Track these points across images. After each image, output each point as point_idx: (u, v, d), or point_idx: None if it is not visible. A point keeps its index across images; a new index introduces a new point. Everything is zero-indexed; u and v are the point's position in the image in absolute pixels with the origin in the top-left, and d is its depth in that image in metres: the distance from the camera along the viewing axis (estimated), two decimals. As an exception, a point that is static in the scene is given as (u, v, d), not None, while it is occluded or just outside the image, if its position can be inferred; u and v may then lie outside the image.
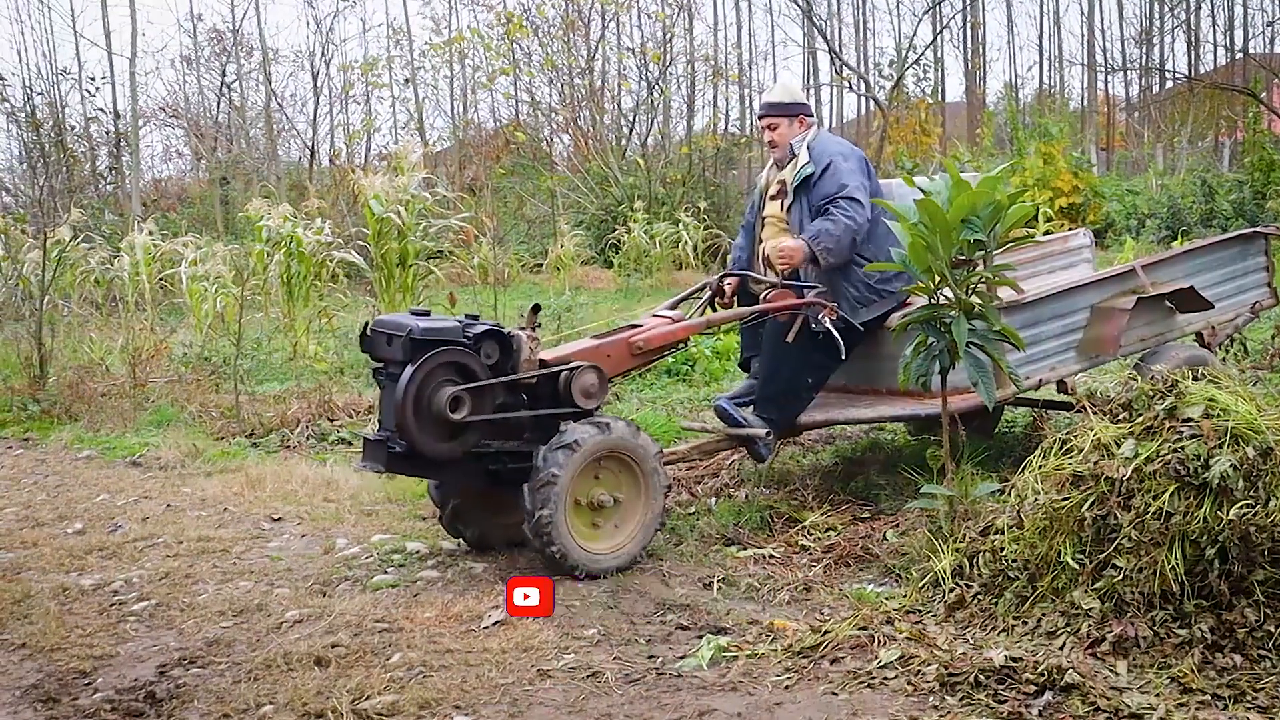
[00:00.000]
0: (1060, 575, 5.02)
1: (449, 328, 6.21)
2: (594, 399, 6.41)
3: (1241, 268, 8.31)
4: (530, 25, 27.74)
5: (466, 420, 6.11)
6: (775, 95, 7.79)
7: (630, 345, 6.75)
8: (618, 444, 6.28)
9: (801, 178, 7.36)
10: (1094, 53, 33.08)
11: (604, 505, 6.32)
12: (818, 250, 7.03)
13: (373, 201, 13.42)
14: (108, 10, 28.55)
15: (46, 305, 13.93)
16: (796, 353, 7.08)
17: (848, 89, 32.23)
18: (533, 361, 6.39)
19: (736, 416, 7.20)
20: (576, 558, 6.18)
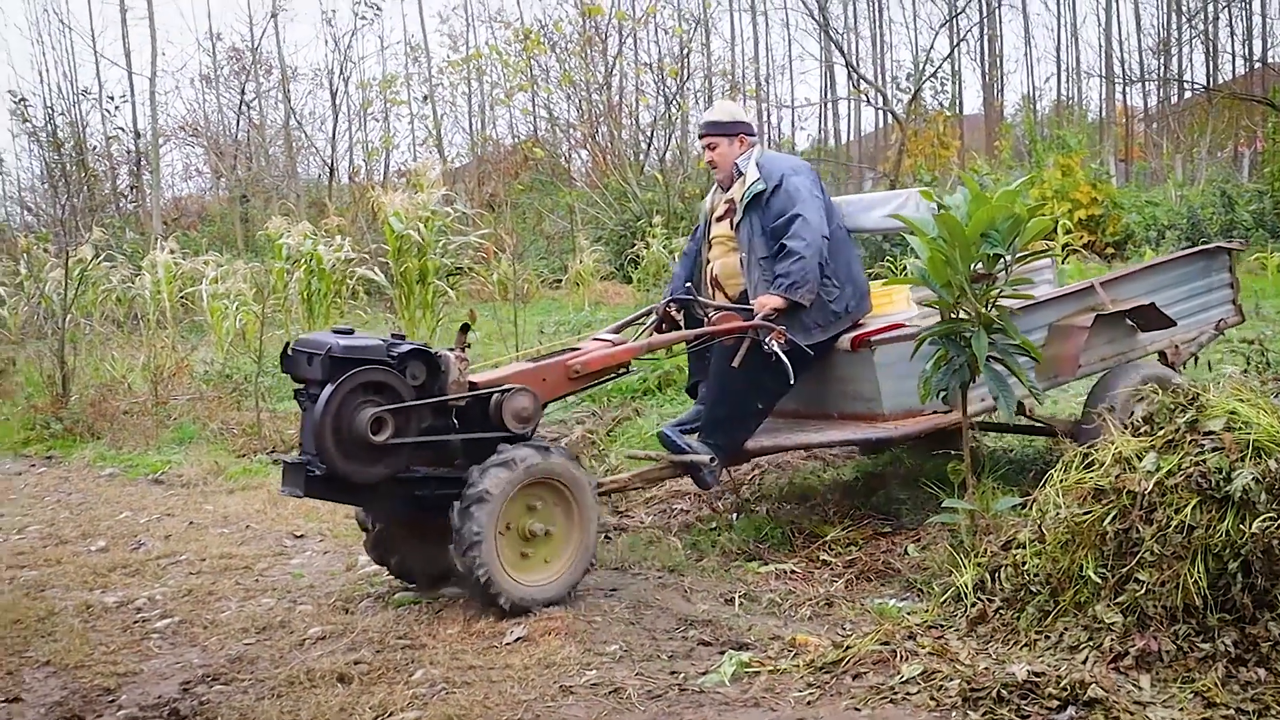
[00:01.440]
0: (1082, 589, 5.01)
1: (371, 346, 5.94)
2: (527, 423, 6.18)
3: (1205, 284, 8.08)
4: (548, 41, 27.77)
5: (389, 443, 5.82)
6: (714, 114, 7.65)
7: (568, 369, 6.52)
8: (555, 471, 6.05)
9: (752, 194, 7.18)
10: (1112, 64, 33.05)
11: (535, 535, 6.05)
12: (794, 297, 6.87)
13: (392, 219, 13.46)
14: (128, 30, 28.60)
15: (69, 324, 14.00)
16: (744, 377, 6.89)
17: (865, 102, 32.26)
18: (462, 383, 6.16)
19: (679, 443, 7.01)
20: (502, 585, 5.88)
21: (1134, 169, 28.34)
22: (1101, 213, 19.64)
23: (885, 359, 6.94)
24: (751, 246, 7.16)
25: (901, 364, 6.85)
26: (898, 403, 6.98)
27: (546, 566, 6.11)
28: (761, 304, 6.90)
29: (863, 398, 7.12)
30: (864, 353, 6.98)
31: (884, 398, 6.98)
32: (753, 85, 32.36)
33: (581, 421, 9.85)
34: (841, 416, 7.29)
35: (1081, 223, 19.09)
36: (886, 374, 6.95)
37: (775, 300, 6.87)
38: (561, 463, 6.07)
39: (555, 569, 6.11)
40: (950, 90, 31.47)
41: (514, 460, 5.90)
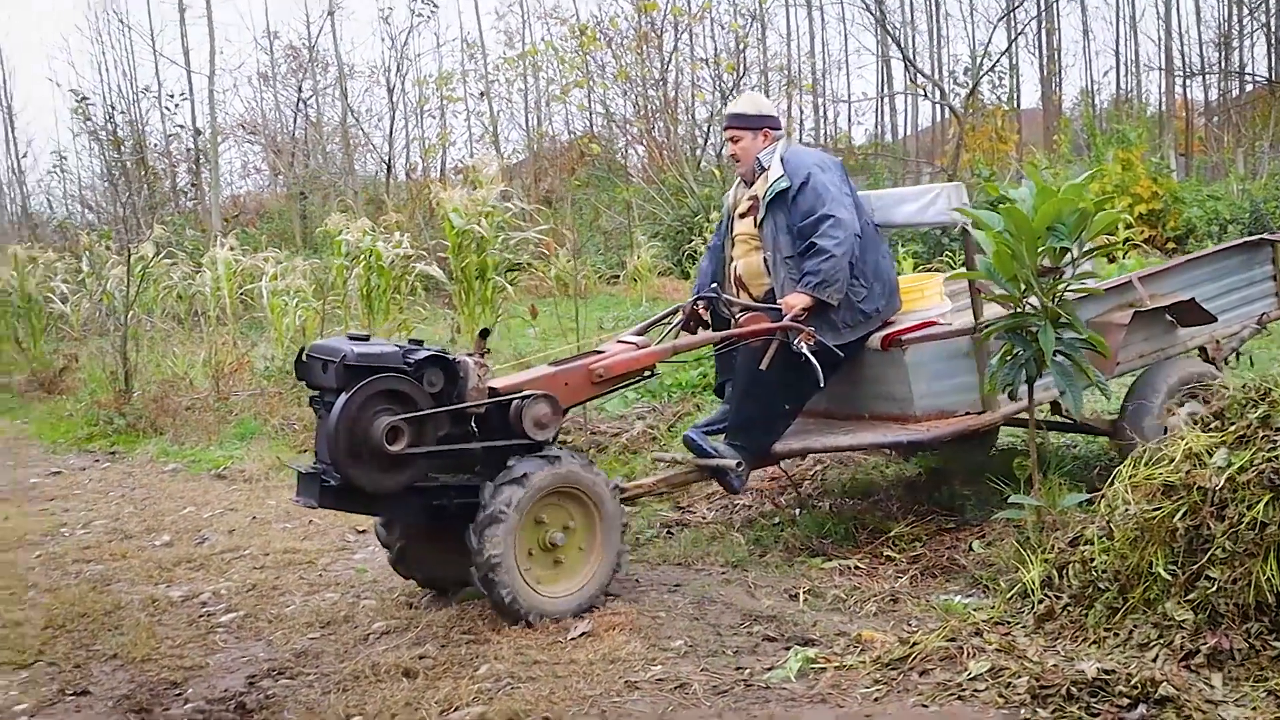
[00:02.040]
0: (1152, 586, 4.96)
1: (387, 353, 5.78)
2: (547, 429, 5.98)
3: (1246, 278, 7.84)
4: (603, 37, 27.80)
5: (405, 453, 5.67)
6: (739, 106, 7.45)
7: (590, 373, 6.35)
8: (570, 479, 5.92)
9: (775, 191, 6.98)
10: (1171, 57, 32.75)
11: (557, 544, 5.95)
12: (822, 296, 6.70)
13: (453, 215, 13.48)
14: (186, 29, 28.79)
15: (131, 320, 14.11)
16: (772, 378, 6.76)
17: (922, 97, 32.06)
18: (482, 389, 5.96)
19: (705, 447, 6.86)
20: (528, 601, 5.80)
21: (1194, 163, 28.09)
22: (1162, 207, 19.47)
23: (917, 358, 6.80)
24: (776, 245, 6.98)
25: (934, 363, 6.79)
26: (930, 404, 6.83)
27: (573, 575, 6.02)
28: (789, 304, 6.74)
29: (894, 398, 6.98)
30: (895, 352, 6.82)
31: (916, 399, 6.82)
32: (809, 80, 32.26)
33: (642, 417, 9.84)
34: (873, 417, 7.14)
35: (1142, 217, 18.92)
36: (918, 374, 6.80)
37: (803, 299, 6.72)
38: (575, 470, 5.94)
39: (582, 577, 6.02)
40: (1008, 84, 31.32)
41: (526, 475, 5.77)
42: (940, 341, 6.77)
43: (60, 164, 32.58)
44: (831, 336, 6.75)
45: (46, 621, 6.35)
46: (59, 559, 7.61)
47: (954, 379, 6.81)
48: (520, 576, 5.78)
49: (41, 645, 6.05)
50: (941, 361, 6.78)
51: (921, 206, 7.08)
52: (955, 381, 6.81)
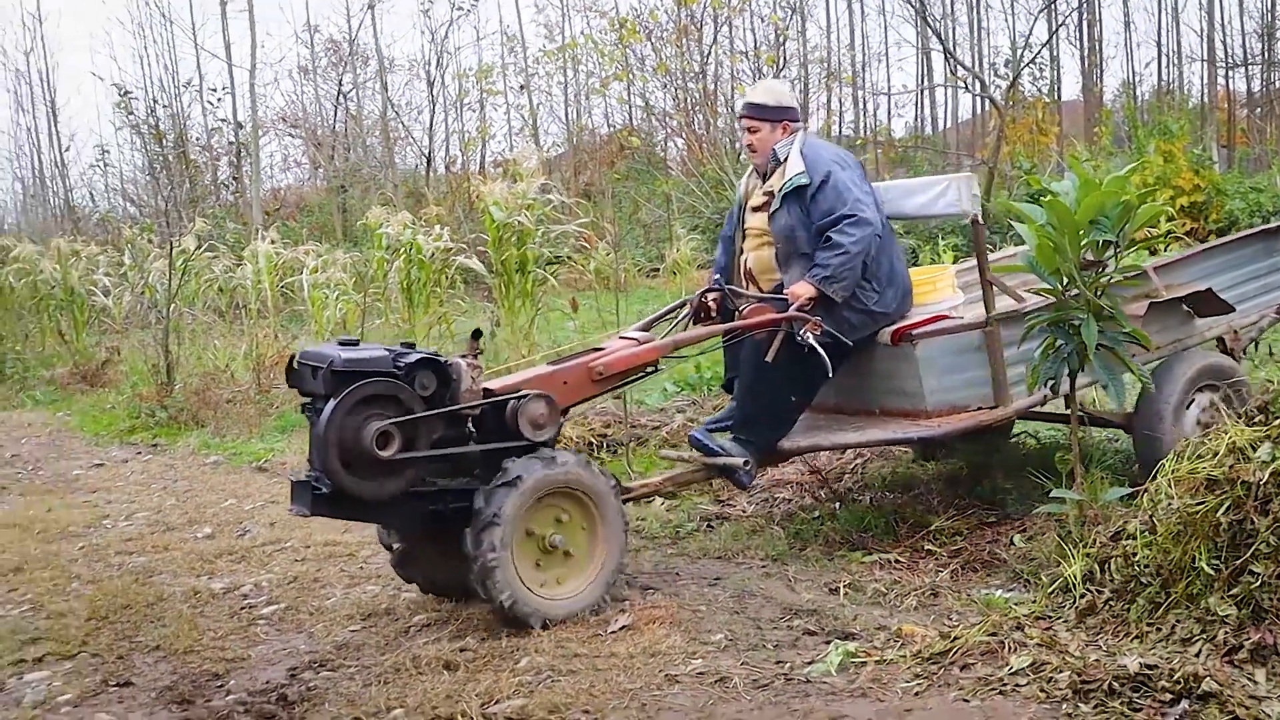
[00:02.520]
0: (1195, 581, 4.93)
1: (376, 358, 5.68)
2: (544, 430, 5.87)
3: (1266, 266, 7.70)
4: (643, 30, 27.79)
5: (398, 458, 5.56)
6: (758, 96, 7.19)
7: (590, 371, 6.22)
8: (567, 480, 5.79)
9: (794, 187, 6.79)
10: (1214, 48, 32.50)
11: (558, 547, 5.82)
12: (827, 290, 6.56)
13: (493, 208, 13.50)
14: (227, 23, 28.92)
15: (173, 313, 14.19)
16: (779, 372, 6.62)
17: (963, 89, 31.93)
18: (476, 391, 5.85)
19: (711, 445, 6.74)
20: (529, 604, 5.69)
21: (1237, 155, 27.87)
22: (1204, 199, 19.34)
23: (928, 353, 6.69)
24: (793, 240, 6.83)
25: (945, 358, 6.70)
26: (942, 399, 6.72)
27: (577, 576, 5.90)
28: (794, 294, 6.62)
29: (905, 393, 6.87)
30: (905, 347, 6.72)
31: (927, 394, 6.71)
32: (849, 73, 32.17)
33: (682, 410, 9.83)
34: (883, 412, 7.04)
35: (1184, 209, 18.81)
36: (929, 369, 6.70)
37: (808, 289, 6.59)
38: (572, 470, 5.80)
39: (585, 578, 5.90)
40: (1049, 76, 31.15)
41: (520, 477, 5.64)
42: (951, 335, 6.69)
43: (103, 158, 32.82)
44: (848, 333, 6.66)
45: (90, 613, 6.39)
46: (102, 551, 7.67)
47: (965, 373, 6.71)
48: (519, 579, 5.67)
49: (85, 636, 6.10)
50: (952, 356, 6.70)
51: (931, 198, 6.96)
52: (967, 376, 6.71)
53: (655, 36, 28.13)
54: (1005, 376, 6.58)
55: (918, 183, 7.22)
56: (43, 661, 5.83)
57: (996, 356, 6.57)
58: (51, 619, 6.37)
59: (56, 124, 34.41)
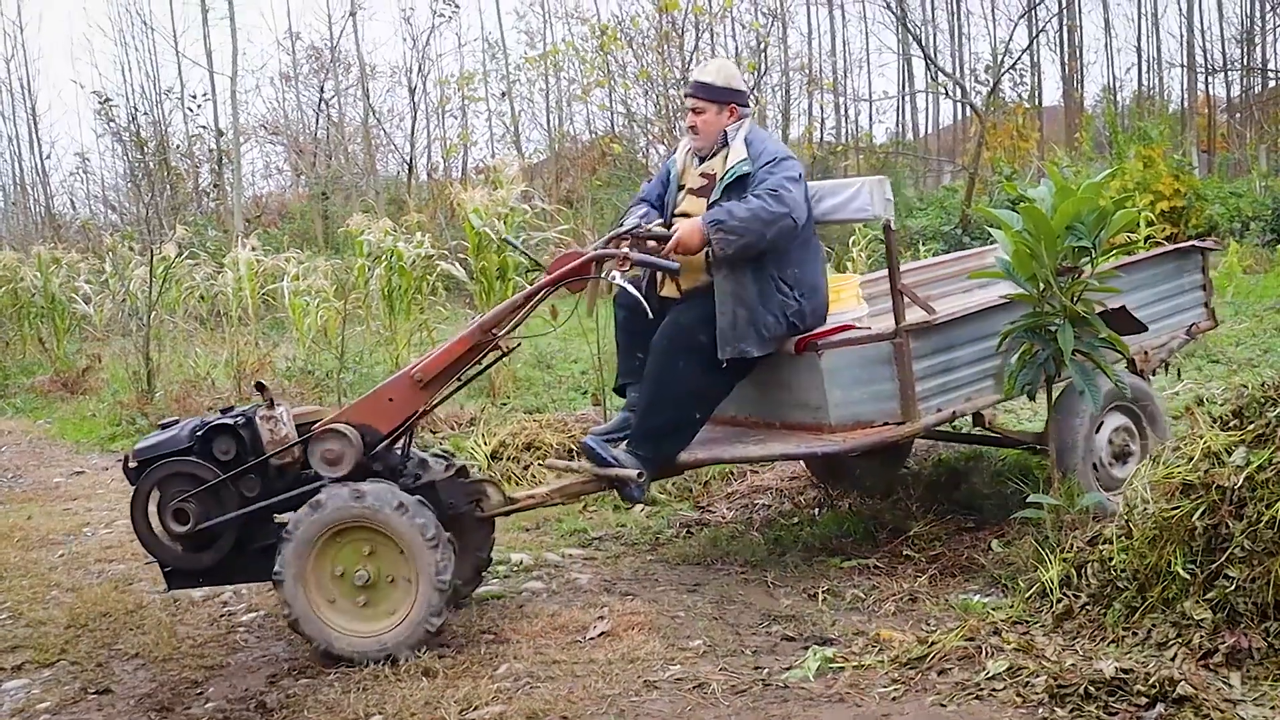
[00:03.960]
0: (1170, 585, 4.95)
1: (164, 440, 5.72)
2: (337, 465, 5.65)
3: (1176, 286, 7.50)
4: (625, 37, 27.79)
5: (204, 528, 5.64)
6: (707, 75, 6.71)
7: (410, 379, 5.87)
8: (367, 516, 5.48)
9: (736, 175, 6.39)
10: (1194, 53, 32.65)
11: (366, 583, 5.58)
12: (715, 239, 6.11)
13: (472, 215, 13.49)
14: (209, 30, 28.91)
15: (153, 321, 14.17)
16: (682, 382, 6.33)
17: (944, 95, 32.00)
18: (281, 439, 5.73)
19: (604, 455, 6.35)
20: (321, 635, 5.55)
21: (1217, 160, 28.00)
22: (1184, 204, 19.42)
23: (833, 364, 6.37)
24: None
25: (851, 370, 6.38)
26: (847, 413, 6.40)
27: (385, 614, 5.60)
28: (683, 239, 6.18)
29: (808, 406, 6.53)
30: (810, 357, 6.39)
31: (831, 407, 6.39)
32: (830, 79, 32.23)
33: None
34: (784, 426, 6.69)
35: (1164, 214, 18.88)
36: (834, 381, 6.37)
37: (696, 240, 6.18)
38: (374, 508, 5.47)
39: (395, 618, 5.57)
40: (1029, 82, 31.25)
41: (320, 502, 5.51)
42: (859, 347, 6.38)
43: (83, 165, 32.78)
44: (756, 345, 6.31)
45: (69, 620, 6.38)
46: (81, 558, 7.65)
47: (872, 386, 6.38)
48: (310, 610, 5.55)
49: (64, 644, 6.09)
50: (860, 368, 6.38)
51: (843, 201, 6.65)
52: (873, 389, 6.38)
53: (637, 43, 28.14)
54: (914, 391, 6.31)
55: (830, 185, 6.86)
56: (22, 669, 5.82)
57: (905, 370, 6.28)
58: (31, 627, 6.37)
59: (37, 131, 34.33)
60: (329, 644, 5.55)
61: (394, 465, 5.91)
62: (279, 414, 5.76)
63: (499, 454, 8.89)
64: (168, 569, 5.82)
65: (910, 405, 6.30)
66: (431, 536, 5.46)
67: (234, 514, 5.69)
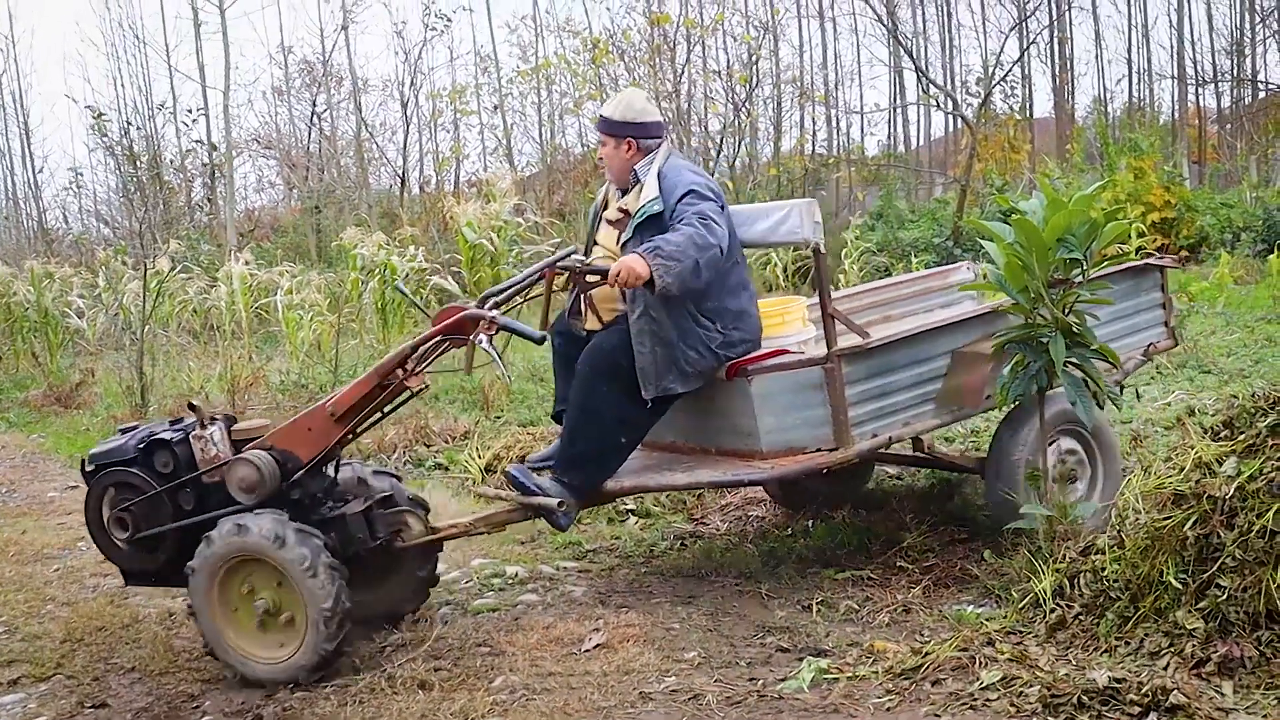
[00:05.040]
0: (1163, 595, 4.98)
1: (114, 449, 5.93)
2: (253, 493, 5.70)
3: (1133, 305, 7.29)
4: (616, 50, 27.83)
5: (142, 536, 5.86)
6: (607, 108, 6.63)
7: (326, 413, 5.87)
8: (252, 549, 5.55)
9: (646, 215, 6.28)
10: (1184, 65, 32.70)
11: (269, 611, 5.63)
12: (658, 272, 5.86)
13: (466, 229, 13.54)
14: (201, 45, 28.85)
15: (146, 335, 14.17)
16: (606, 409, 6.26)
17: (935, 107, 32.04)
18: (213, 458, 5.82)
19: (528, 484, 6.30)
20: (232, 661, 5.67)
21: (1208, 171, 28.04)
22: (1175, 215, 19.46)
23: (764, 390, 6.29)
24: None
25: (783, 395, 6.30)
26: (778, 439, 6.31)
27: (287, 642, 5.65)
28: (625, 265, 5.88)
29: (740, 432, 6.45)
30: (740, 382, 6.32)
31: (762, 433, 6.31)
32: (822, 92, 32.25)
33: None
34: (719, 452, 6.60)
35: (1155, 225, 18.91)
36: (765, 407, 6.29)
37: (640, 266, 5.85)
38: (257, 540, 5.53)
39: (294, 644, 5.61)
40: (1020, 94, 31.29)
41: (213, 536, 5.61)
42: (790, 372, 6.31)
43: (76, 179, 32.74)
44: (680, 382, 6.27)
45: (65, 635, 6.39)
46: (77, 573, 7.65)
47: (804, 412, 6.29)
48: (219, 638, 5.69)
49: (60, 658, 6.10)
50: (790, 394, 6.29)
51: (773, 224, 6.56)
52: (805, 415, 6.29)
53: (628, 56, 28.19)
54: (847, 416, 6.22)
55: (760, 209, 6.77)
56: (18, 684, 5.84)
57: (838, 395, 6.21)
58: (26, 641, 6.38)
59: (30, 145, 34.26)
60: (242, 670, 5.69)
61: (314, 492, 5.98)
62: (210, 434, 5.87)
63: (493, 467, 8.88)
64: (123, 568, 6.13)
65: (843, 431, 6.23)
66: (308, 567, 5.47)
67: (169, 526, 5.88)
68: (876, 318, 7.78)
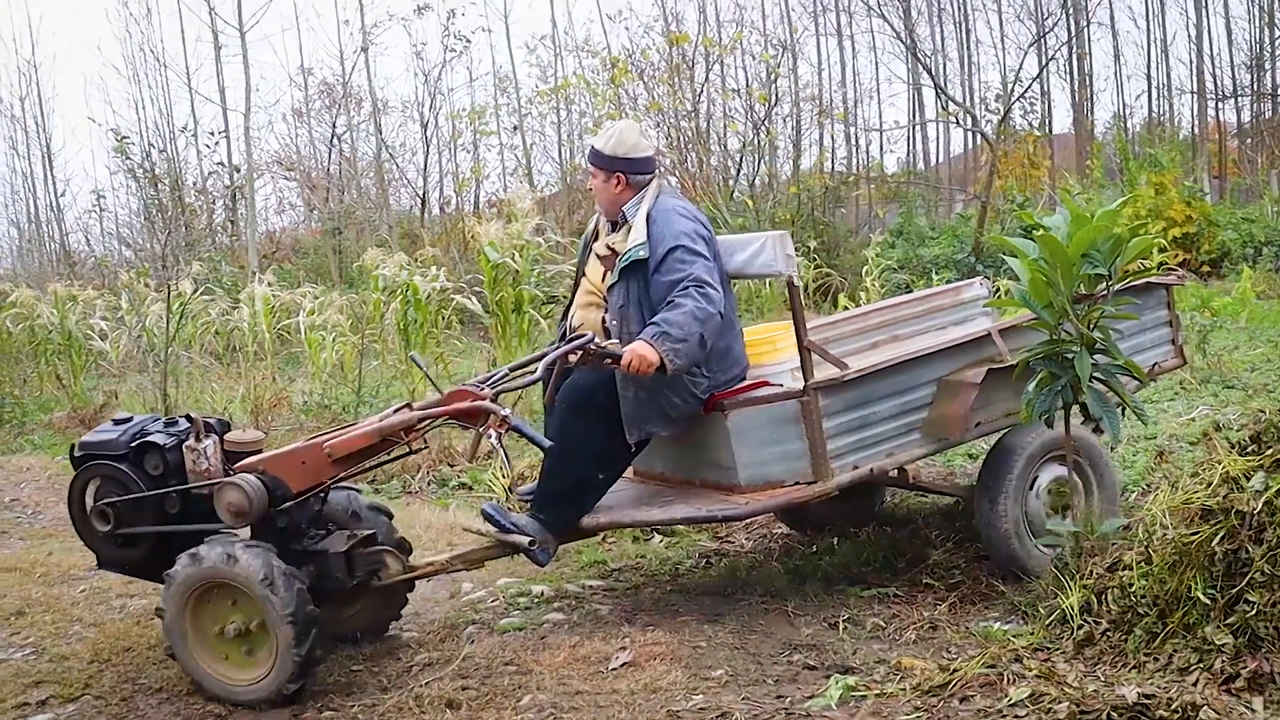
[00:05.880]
0: (1191, 611, 4.97)
1: (104, 440, 5.94)
2: (242, 517, 5.70)
3: (1137, 325, 7.04)
4: (635, 70, 27.90)
5: (122, 532, 5.91)
6: (598, 140, 6.60)
7: (323, 451, 5.84)
8: (213, 575, 5.57)
9: (631, 260, 6.27)
10: (1203, 80, 32.64)
11: (239, 633, 5.65)
12: (668, 356, 5.93)
13: (488, 249, 13.55)
14: (222, 67, 28.96)
15: (169, 357, 14.21)
16: (583, 445, 6.23)
17: (954, 124, 32.05)
18: (203, 472, 5.83)
19: (504, 522, 6.29)
20: (210, 685, 5.71)
21: (1228, 186, 27.99)
22: (1196, 230, 19.45)
23: (739, 424, 6.28)
24: (624, 316, 6.33)
25: (759, 430, 6.29)
26: (756, 473, 6.31)
27: (258, 662, 5.67)
28: (635, 353, 5.96)
29: (720, 466, 6.45)
30: (716, 416, 6.31)
31: (740, 468, 6.31)
32: (841, 110, 32.26)
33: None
34: (703, 484, 6.60)
35: (1176, 241, 18.91)
36: (741, 441, 6.29)
37: (650, 354, 5.93)
38: (214, 565, 5.55)
39: (265, 664, 5.62)
40: (1040, 110, 31.27)
41: (174, 574, 5.66)
42: (765, 406, 6.28)
43: (99, 202, 32.84)
44: (663, 425, 6.33)
45: (92, 655, 6.40)
46: (103, 593, 7.66)
47: (780, 446, 6.27)
48: (196, 663, 5.75)
49: (88, 679, 6.11)
50: (767, 428, 6.27)
51: (749, 257, 6.53)
52: (782, 449, 6.28)
53: (647, 75, 28.25)
54: (825, 449, 6.18)
55: (737, 240, 6.71)
56: (46, 704, 5.84)
57: (814, 428, 6.18)
58: (54, 662, 6.38)
59: (52, 169, 34.42)
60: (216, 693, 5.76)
61: (298, 522, 5.99)
62: (203, 448, 5.87)
63: (516, 487, 8.89)
64: (98, 555, 6.14)
65: (822, 464, 6.21)
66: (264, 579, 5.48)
67: (151, 529, 5.94)
68: (884, 338, 7.74)
